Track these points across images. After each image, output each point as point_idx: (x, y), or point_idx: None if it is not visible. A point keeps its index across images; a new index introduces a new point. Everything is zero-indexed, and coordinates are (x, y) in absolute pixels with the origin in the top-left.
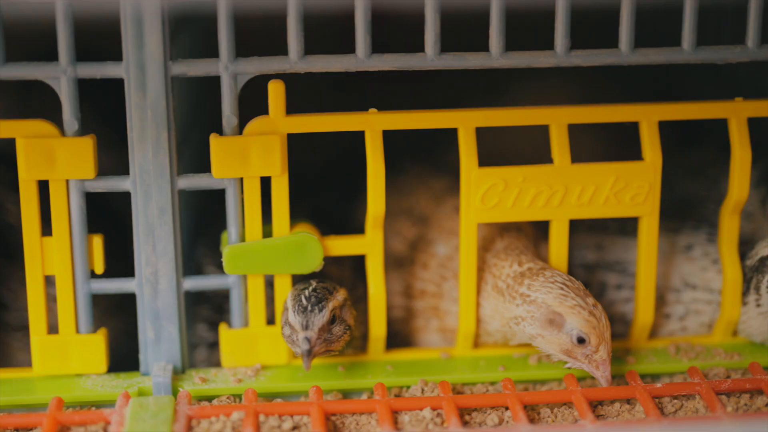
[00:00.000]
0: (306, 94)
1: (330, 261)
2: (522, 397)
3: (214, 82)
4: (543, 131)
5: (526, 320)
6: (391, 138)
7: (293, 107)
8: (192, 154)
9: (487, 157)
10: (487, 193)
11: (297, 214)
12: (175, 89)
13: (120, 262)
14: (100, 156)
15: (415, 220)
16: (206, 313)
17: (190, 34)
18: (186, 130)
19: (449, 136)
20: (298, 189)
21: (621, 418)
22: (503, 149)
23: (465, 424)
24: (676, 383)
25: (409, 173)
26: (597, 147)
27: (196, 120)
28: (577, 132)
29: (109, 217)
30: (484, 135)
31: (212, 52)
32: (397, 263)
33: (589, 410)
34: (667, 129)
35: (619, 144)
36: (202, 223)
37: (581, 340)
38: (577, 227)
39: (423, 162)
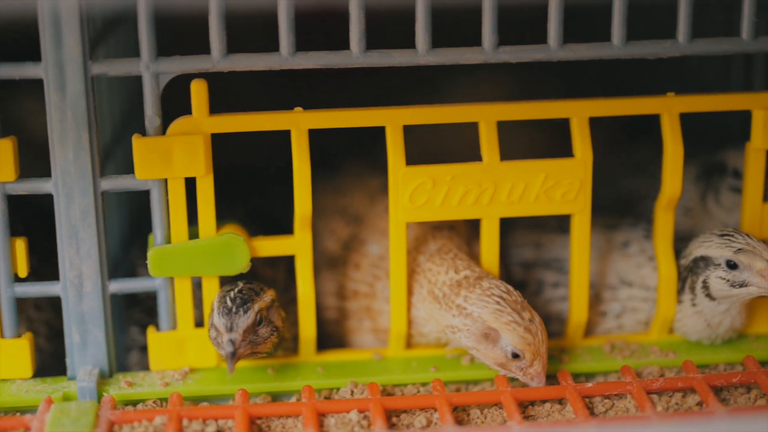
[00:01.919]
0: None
1: (264, 262)
2: (450, 399)
3: None
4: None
5: (462, 332)
6: (333, 136)
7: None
8: (126, 154)
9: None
10: (415, 192)
11: (233, 215)
12: (105, 89)
13: None
14: None
15: (349, 219)
16: (138, 315)
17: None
18: (119, 131)
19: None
20: (240, 189)
21: (551, 418)
22: (457, 148)
23: (392, 426)
24: (607, 383)
25: (347, 172)
26: (541, 144)
27: (130, 120)
28: (518, 128)
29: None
30: (437, 134)
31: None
32: (331, 263)
33: (517, 411)
34: (614, 125)
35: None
36: (140, 224)
37: (516, 356)
38: (515, 225)
39: (363, 160)
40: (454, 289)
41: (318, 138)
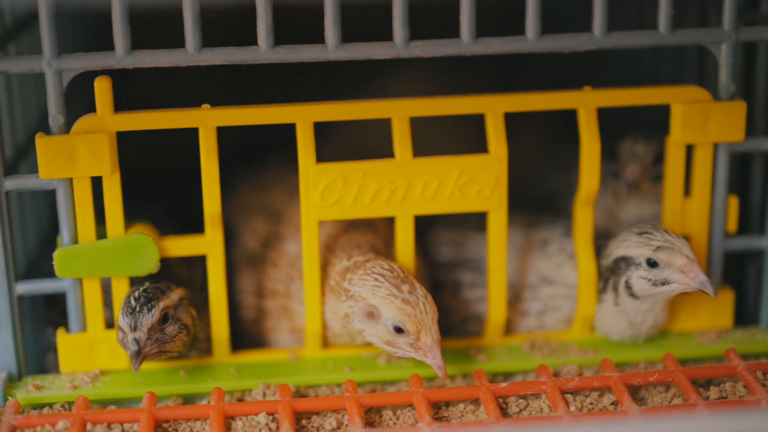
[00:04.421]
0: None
1: (180, 262)
2: (361, 400)
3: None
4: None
5: (350, 316)
6: (266, 132)
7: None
8: None
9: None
10: (326, 190)
11: (152, 213)
12: (16, 87)
13: None
14: None
15: (269, 216)
16: (54, 317)
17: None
18: (36, 130)
19: (329, 128)
20: (163, 186)
21: (464, 419)
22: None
23: (302, 428)
24: (521, 382)
25: (271, 169)
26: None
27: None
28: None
29: None
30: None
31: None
32: (251, 261)
33: (428, 412)
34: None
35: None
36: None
37: (399, 330)
38: (435, 223)
39: (287, 156)
40: (343, 275)
41: (251, 134)
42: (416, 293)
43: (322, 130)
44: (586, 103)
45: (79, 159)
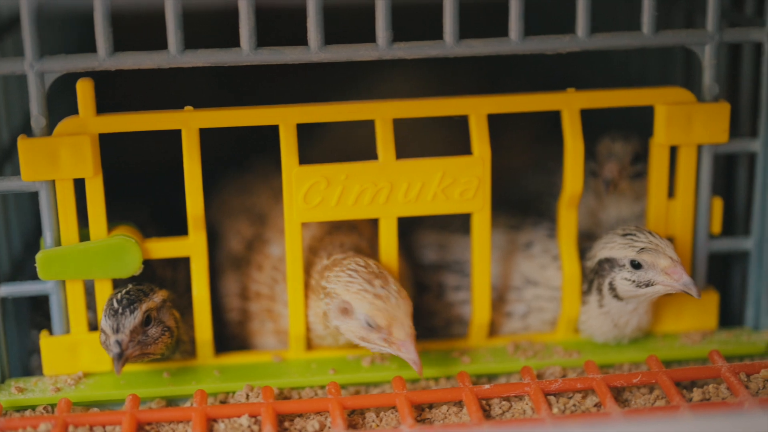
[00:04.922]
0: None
1: (165, 264)
2: (344, 402)
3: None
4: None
5: (328, 314)
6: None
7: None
8: None
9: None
10: (309, 192)
11: (136, 215)
12: (0, 90)
13: None
14: None
15: (254, 219)
16: (39, 319)
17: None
18: (19, 132)
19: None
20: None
21: (447, 421)
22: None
23: (285, 430)
24: (504, 384)
25: (256, 171)
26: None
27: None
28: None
29: None
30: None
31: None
32: (235, 264)
33: (410, 414)
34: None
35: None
36: None
37: (371, 325)
38: (420, 224)
39: (272, 158)
40: (322, 273)
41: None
42: (389, 288)
43: (314, 131)
44: (569, 105)
45: (61, 161)
